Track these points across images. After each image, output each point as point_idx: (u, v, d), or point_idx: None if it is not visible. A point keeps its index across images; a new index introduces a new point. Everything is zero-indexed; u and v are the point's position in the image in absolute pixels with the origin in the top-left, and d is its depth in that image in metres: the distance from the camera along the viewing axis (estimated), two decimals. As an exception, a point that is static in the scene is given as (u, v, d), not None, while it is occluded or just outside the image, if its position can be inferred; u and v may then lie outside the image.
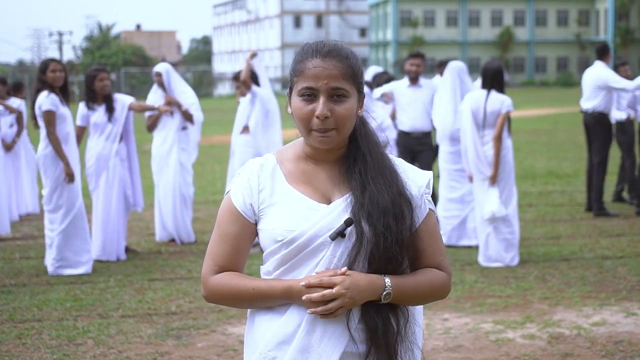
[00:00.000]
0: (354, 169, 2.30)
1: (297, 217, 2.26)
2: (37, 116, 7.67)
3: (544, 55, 68.00)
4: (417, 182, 2.35)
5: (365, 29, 76.36)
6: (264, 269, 2.35)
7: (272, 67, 70.98)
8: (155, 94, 9.24)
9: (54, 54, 71.30)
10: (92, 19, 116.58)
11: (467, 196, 8.69)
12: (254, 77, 9.13)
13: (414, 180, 2.34)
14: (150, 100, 9.23)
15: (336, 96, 2.25)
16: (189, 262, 8.14)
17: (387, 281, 2.24)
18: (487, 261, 7.83)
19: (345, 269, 2.21)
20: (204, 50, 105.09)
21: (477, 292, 6.87)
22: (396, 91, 9.31)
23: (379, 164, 2.30)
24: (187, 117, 9.12)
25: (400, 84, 9.39)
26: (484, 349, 5.46)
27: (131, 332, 5.92)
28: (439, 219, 2.42)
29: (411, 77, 9.25)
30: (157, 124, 9.17)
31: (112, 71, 48.08)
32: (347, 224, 2.23)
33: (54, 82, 7.68)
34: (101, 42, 72.98)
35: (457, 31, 67.02)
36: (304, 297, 2.20)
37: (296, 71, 2.29)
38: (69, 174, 7.64)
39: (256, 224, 2.32)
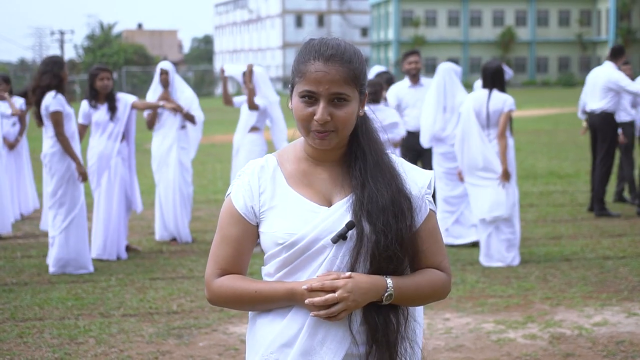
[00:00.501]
0: (354, 167, 2.28)
1: (298, 220, 2.25)
2: (42, 116, 7.68)
3: (546, 55, 67.96)
4: (418, 182, 2.33)
5: (366, 28, 76.38)
6: (265, 271, 2.33)
7: (273, 66, 71.01)
8: (154, 92, 9.22)
9: (55, 53, 71.19)
10: (93, 18, 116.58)
11: (454, 198, 8.72)
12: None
13: (415, 180, 2.33)
14: (149, 98, 9.22)
15: (337, 100, 2.22)
16: (190, 262, 8.12)
17: (389, 282, 2.23)
18: (488, 261, 7.83)
19: (348, 273, 2.20)
20: (205, 49, 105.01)
21: (479, 292, 6.87)
22: (398, 93, 9.31)
23: (379, 162, 2.29)
24: (188, 118, 9.12)
25: (401, 86, 9.39)
26: (485, 349, 5.46)
27: (132, 331, 5.92)
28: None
29: (412, 75, 9.25)
30: (155, 120, 9.15)
31: (114, 70, 48.02)
32: (349, 227, 2.21)
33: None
34: (103, 41, 73.00)
35: (459, 31, 66.99)
36: (307, 301, 2.19)
37: (298, 71, 2.25)
38: (82, 172, 7.66)
39: (257, 226, 2.31)
